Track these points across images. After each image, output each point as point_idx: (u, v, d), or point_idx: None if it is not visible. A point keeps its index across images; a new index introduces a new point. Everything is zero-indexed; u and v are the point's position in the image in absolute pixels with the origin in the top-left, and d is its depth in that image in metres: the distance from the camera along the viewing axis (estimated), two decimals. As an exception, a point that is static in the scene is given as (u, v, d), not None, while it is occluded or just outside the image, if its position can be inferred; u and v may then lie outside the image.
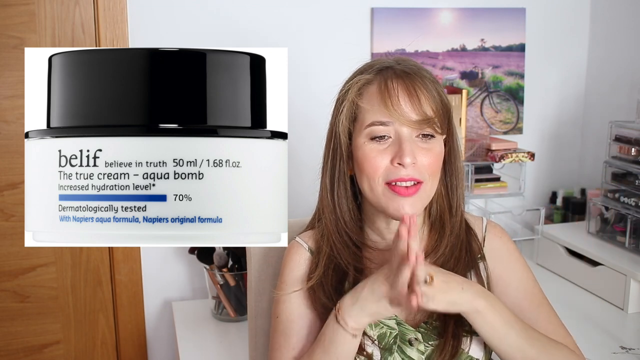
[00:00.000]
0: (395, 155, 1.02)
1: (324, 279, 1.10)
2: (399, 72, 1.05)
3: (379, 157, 1.04)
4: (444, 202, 1.13)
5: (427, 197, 1.07)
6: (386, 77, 1.05)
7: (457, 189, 1.13)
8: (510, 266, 1.14)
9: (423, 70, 1.07)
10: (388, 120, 1.03)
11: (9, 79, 1.88)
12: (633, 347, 1.54)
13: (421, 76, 1.05)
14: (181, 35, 1.97)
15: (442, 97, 1.06)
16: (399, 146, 1.03)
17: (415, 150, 1.03)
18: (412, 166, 1.02)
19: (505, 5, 2.23)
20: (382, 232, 1.14)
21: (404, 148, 1.02)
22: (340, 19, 2.10)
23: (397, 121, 1.02)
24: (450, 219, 1.12)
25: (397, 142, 1.03)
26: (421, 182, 1.04)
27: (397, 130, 1.03)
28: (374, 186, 1.05)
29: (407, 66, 1.07)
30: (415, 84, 1.04)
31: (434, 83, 1.07)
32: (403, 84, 1.04)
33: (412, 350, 1.07)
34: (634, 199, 1.84)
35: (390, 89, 1.03)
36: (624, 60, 2.20)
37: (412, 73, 1.05)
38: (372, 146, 1.05)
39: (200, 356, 1.72)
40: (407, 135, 1.03)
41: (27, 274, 1.99)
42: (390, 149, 1.03)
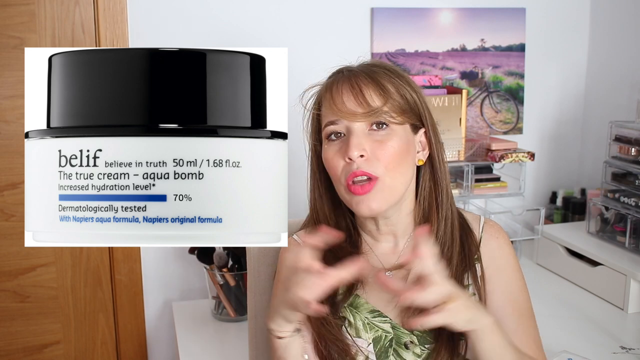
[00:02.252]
0: (345, 151, 1.03)
1: None
2: (347, 73, 1.08)
3: (336, 157, 1.05)
4: (433, 198, 1.12)
5: (390, 193, 1.05)
6: (334, 80, 1.08)
7: (442, 181, 1.11)
8: (501, 269, 1.12)
9: (378, 67, 1.08)
10: (336, 119, 1.05)
11: (9, 79, 1.88)
12: (633, 347, 1.54)
13: (369, 72, 1.06)
14: (181, 35, 1.97)
15: (399, 89, 1.06)
16: (347, 142, 1.04)
17: (365, 143, 1.03)
18: (362, 160, 1.02)
19: (505, 5, 2.23)
20: (373, 233, 1.14)
21: (350, 142, 1.03)
22: (340, 19, 2.10)
23: (344, 118, 1.04)
24: (437, 215, 1.11)
25: (347, 138, 1.04)
26: (375, 177, 1.03)
27: (347, 126, 1.05)
28: (338, 188, 1.07)
29: (362, 66, 1.09)
30: (359, 79, 1.05)
31: (392, 77, 1.06)
32: (347, 82, 1.06)
33: (408, 354, 1.07)
34: (634, 199, 1.84)
35: (334, 89, 1.06)
36: (624, 60, 2.20)
37: (361, 71, 1.07)
38: (329, 147, 1.07)
39: (200, 356, 1.72)
40: (356, 129, 1.04)
41: (27, 274, 1.99)
42: (344, 147, 1.04)
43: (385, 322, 1.09)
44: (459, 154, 2.02)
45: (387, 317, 1.09)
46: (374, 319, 1.09)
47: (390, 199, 1.05)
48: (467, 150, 2.06)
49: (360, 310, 1.10)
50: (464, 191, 2.01)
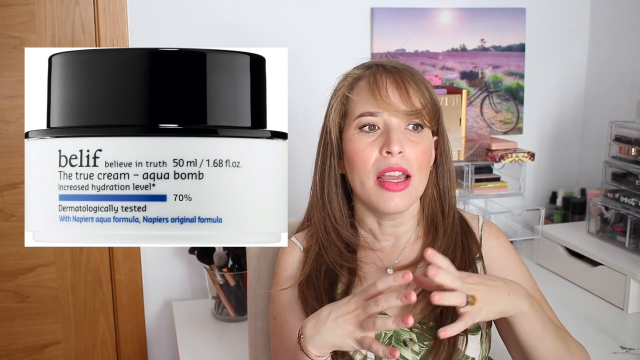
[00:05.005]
0: (384, 145, 1.03)
1: (315, 280, 1.10)
2: (388, 67, 1.08)
3: (368, 149, 1.05)
4: (436, 205, 1.13)
5: (416, 194, 1.07)
6: (375, 72, 1.07)
7: (450, 190, 1.13)
8: (508, 266, 1.14)
9: (413, 70, 1.10)
10: (376, 111, 1.04)
11: (9, 79, 1.88)
12: (633, 347, 1.54)
13: (411, 72, 1.08)
14: (181, 35, 1.97)
15: (431, 95, 1.08)
16: (387, 135, 1.03)
17: (403, 141, 1.04)
18: (400, 156, 1.03)
19: (505, 5, 2.23)
20: (374, 232, 1.14)
21: (392, 136, 1.03)
22: (340, 19, 2.10)
23: (386, 111, 1.04)
24: (443, 222, 1.12)
25: (386, 132, 1.04)
26: (410, 175, 1.04)
27: (386, 120, 1.04)
28: (364, 180, 1.05)
29: (398, 64, 1.10)
30: (404, 78, 1.06)
31: (424, 82, 1.09)
32: (392, 77, 1.06)
33: (407, 351, 1.07)
34: (634, 199, 1.84)
35: (379, 81, 1.06)
36: (624, 60, 2.20)
37: (402, 69, 1.08)
38: (361, 138, 1.06)
39: (200, 356, 1.72)
40: (395, 125, 1.04)
41: (27, 274, 1.99)
42: (379, 140, 1.04)
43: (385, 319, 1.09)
44: (459, 154, 2.02)
45: (386, 315, 1.09)
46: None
47: (413, 199, 1.07)
48: (467, 150, 2.06)
49: None
50: (464, 191, 2.01)
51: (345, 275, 1.10)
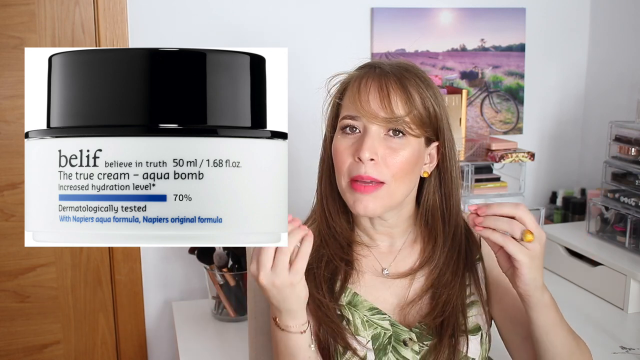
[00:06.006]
0: (356, 150, 1.03)
1: (316, 270, 1.10)
2: (379, 71, 1.06)
3: (345, 153, 1.05)
4: (437, 211, 1.11)
5: (390, 200, 1.04)
6: (364, 75, 1.06)
7: (452, 197, 1.11)
8: None
9: (411, 73, 1.06)
10: (356, 115, 1.04)
11: (9, 79, 1.88)
12: (633, 347, 1.54)
13: (401, 77, 1.04)
14: (181, 35, 1.97)
15: (424, 101, 1.04)
16: (362, 141, 1.03)
17: (378, 147, 1.02)
18: (371, 164, 1.02)
19: (505, 5, 2.23)
20: (369, 231, 1.14)
21: (364, 142, 1.02)
22: (340, 19, 2.10)
23: (364, 117, 1.03)
24: (444, 228, 1.11)
25: (362, 138, 1.03)
26: (381, 182, 1.02)
27: (365, 125, 1.04)
28: (340, 181, 1.06)
29: (394, 67, 1.06)
30: (389, 82, 1.03)
31: (421, 87, 1.05)
32: (377, 82, 1.04)
33: (407, 351, 1.07)
34: (634, 199, 1.84)
35: (362, 86, 1.04)
36: (624, 60, 2.20)
37: (392, 73, 1.05)
38: (342, 139, 1.06)
39: (200, 356, 1.72)
40: (373, 131, 1.03)
41: (27, 274, 1.99)
42: (356, 145, 1.04)
43: (384, 319, 1.09)
44: (459, 154, 2.02)
45: (385, 315, 1.10)
46: (372, 317, 1.09)
47: (387, 205, 1.05)
48: (467, 150, 2.06)
49: (359, 309, 1.10)
50: (464, 191, 2.01)
51: (343, 268, 1.11)
